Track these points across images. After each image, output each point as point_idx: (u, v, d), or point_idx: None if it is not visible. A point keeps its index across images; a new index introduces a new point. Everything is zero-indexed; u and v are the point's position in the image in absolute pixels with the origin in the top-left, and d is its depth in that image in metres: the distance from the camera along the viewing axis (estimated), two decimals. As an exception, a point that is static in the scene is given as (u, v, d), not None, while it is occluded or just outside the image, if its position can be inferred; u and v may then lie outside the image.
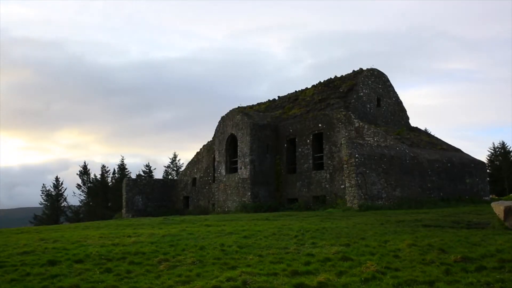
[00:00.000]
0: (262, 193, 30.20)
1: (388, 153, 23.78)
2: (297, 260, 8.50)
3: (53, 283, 7.43)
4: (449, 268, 7.31)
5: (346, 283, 6.67)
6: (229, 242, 11.11)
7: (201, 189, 37.10)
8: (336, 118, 27.89)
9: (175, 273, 7.82)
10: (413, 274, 7.02)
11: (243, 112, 32.35)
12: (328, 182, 27.52)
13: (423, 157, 25.35)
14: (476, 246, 9.29)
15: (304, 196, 28.79)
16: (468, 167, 27.45)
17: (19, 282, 7.51)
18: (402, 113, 31.99)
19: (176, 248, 10.40)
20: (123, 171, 59.03)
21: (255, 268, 7.94)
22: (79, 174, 57.99)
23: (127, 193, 37.87)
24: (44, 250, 10.60)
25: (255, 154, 30.44)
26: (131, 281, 7.44)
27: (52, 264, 8.89)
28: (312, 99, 32.55)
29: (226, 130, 33.06)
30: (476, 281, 6.46)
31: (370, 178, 22.57)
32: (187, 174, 39.38)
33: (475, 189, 27.33)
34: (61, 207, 58.33)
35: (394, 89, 31.70)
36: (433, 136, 32.44)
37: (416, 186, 24.40)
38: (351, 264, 7.97)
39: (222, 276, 7.19)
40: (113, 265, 8.66)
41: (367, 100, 30.09)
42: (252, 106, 39.10)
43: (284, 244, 10.57)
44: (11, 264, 8.95)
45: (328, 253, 9.05)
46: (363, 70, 31.25)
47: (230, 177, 32.08)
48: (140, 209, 37.57)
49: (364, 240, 10.76)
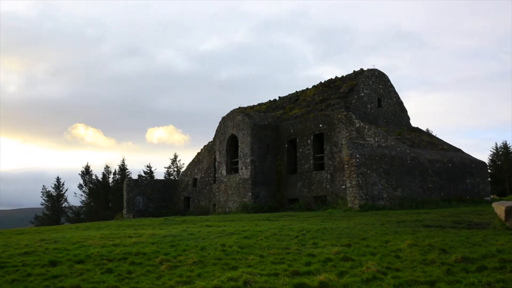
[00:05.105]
0: (262, 194, 30.20)
1: (389, 153, 23.78)
2: (298, 261, 8.50)
3: (54, 283, 7.44)
4: (450, 268, 7.31)
5: (347, 283, 6.67)
6: (230, 242, 11.12)
7: (202, 189, 37.11)
8: (337, 118, 27.89)
9: (176, 274, 7.83)
10: (414, 274, 7.02)
11: (243, 113, 32.35)
12: (329, 182, 27.52)
13: (424, 157, 25.34)
14: (477, 246, 9.29)
15: (305, 196, 28.78)
16: (469, 167, 27.42)
17: (20, 283, 7.52)
18: (402, 113, 31.98)
19: (177, 249, 10.42)
20: (123, 172, 59.07)
21: (256, 268, 7.95)
22: (80, 174, 58.11)
23: (128, 193, 37.87)
24: (45, 251, 10.62)
25: (256, 154, 30.45)
26: (132, 281, 7.44)
27: (53, 265, 8.91)
28: (312, 100, 32.56)
29: (227, 131, 33.07)
30: (477, 281, 6.46)
31: (371, 179, 22.57)
32: (188, 175, 39.39)
33: (476, 189, 27.30)
34: (62, 207, 58.37)
35: (394, 89, 31.70)
36: (434, 136, 32.48)
37: (417, 187, 24.39)
38: (352, 264, 7.97)
39: (223, 277, 7.19)
40: (114, 266, 8.68)
41: (367, 100, 30.09)
42: (252, 106, 39.11)
43: (285, 245, 10.57)
44: (12, 265, 8.96)
45: (329, 253, 9.06)
46: (363, 71, 31.25)
47: (231, 178, 32.08)
48: (141, 210, 37.57)
49: (365, 240, 10.76)
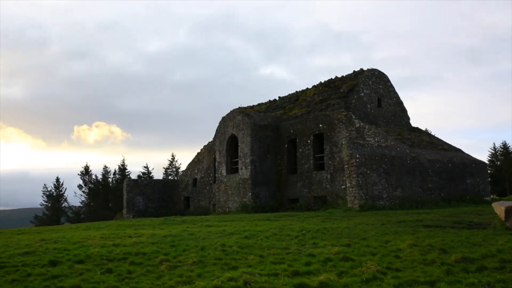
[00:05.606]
0: (263, 194, 30.20)
1: (389, 153, 23.78)
2: (298, 261, 8.50)
3: (54, 283, 7.44)
4: (450, 268, 7.31)
5: (347, 283, 6.67)
6: (230, 242, 11.12)
7: (202, 189, 37.11)
8: (337, 118, 27.89)
9: (176, 274, 7.83)
10: (414, 274, 7.02)
11: (243, 113, 32.35)
12: (329, 182, 27.52)
13: (424, 157, 25.34)
14: (477, 247, 9.29)
15: (305, 196, 28.78)
16: (469, 167, 27.43)
17: (21, 283, 7.52)
18: (402, 113, 31.99)
19: (177, 249, 10.42)
20: (123, 172, 59.04)
21: (256, 268, 7.95)
22: (80, 174, 58.08)
23: (128, 193, 37.87)
24: (45, 251, 10.62)
25: (256, 154, 30.45)
26: (132, 281, 7.44)
27: (53, 265, 8.91)
28: (312, 100, 32.56)
29: (227, 131, 33.06)
30: (477, 282, 6.45)
31: (371, 179, 22.58)
32: (188, 175, 39.38)
33: (476, 189, 27.31)
34: (62, 207, 58.37)
35: (394, 89, 31.70)
36: (434, 136, 32.45)
37: (417, 187, 24.39)
38: (352, 264, 7.97)
39: (223, 277, 7.19)
40: (114, 266, 8.68)
41: (367, 100, 30.09)
42: (252, 106, 39.11)
43: (285, 245, 10.58)
44: (12, 265, 8.96)
45: (329, 253, 9.06)
46: (363, 71, 31.26)
47: (231, 178, 32.08)
48: (141, 210, 37.57)
49: (365, 240, 10.76)
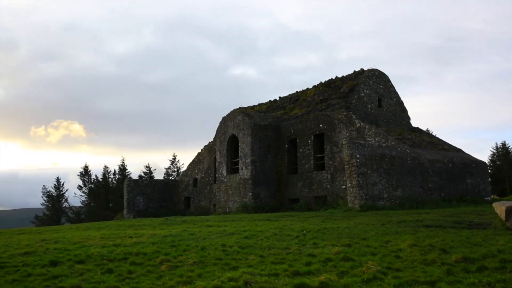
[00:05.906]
0: (263, 194, 30.19)
1: (389, 153, 23.78)
2: (299, 261, 8.50)
3: (55, 283, 7.44)
4: (450, 268, 7.31)
5: (347, 283, 6.67)
6: (231, 242, 11.12)
7: (202, 189, 37.11)
8: (337, 118, 27.89)
9: (177, 274, 7.83)
10: (415, 274, 7.02)
11: (244, 113, 32.35)
12: (329, 182, 27.52)
13: (424, 158, 25.33)
14: (478, 247, 9.29)
15: (305, 196, 28.78)
16: (469, 167, 27.41)
17: (21, 283, 7.52)
18: (403, 113, 31.98)
19: (178, 249, 10.42)
20: (123, 172, 59.03)
21: (257, 268, 7.95)
22: (80, 175, 58.04)
23: (128, 193, 37.86)
24: (46, 251, 10.63)
25: (256, 154, 30.44)
26: (133, 281, 7.44)
27: (53, 265, 8.91)
28: (313, 100, 32.56)
29: (227, 131, 33.07)
30: (477, 282, 6.46)
31: (371, 179, 22.57)
32: (188, 175, 39.38)
33: (477, 190, 27.29)
34: (62, 208, 58.39)
35: (395, 89, 31.69)
36: (434, 136, 32.46)
37: (417, 187, 24.38)
38: (352, 264, 7.97)
39: (223, 277, 7.19)
40: (114, 266, 8.68)
41: (368, 100, 30.08)
42: (253, 106, 39.10)
43: (286, 245, 10.58)
44: (12, 265, 8.96)
45: (330, 253, 9.06)
46: (364, 71, 31.26)
47: (231, 178, 32.08)
48: (141, 210, 37.56)
49: (366, 240, 10.76)
